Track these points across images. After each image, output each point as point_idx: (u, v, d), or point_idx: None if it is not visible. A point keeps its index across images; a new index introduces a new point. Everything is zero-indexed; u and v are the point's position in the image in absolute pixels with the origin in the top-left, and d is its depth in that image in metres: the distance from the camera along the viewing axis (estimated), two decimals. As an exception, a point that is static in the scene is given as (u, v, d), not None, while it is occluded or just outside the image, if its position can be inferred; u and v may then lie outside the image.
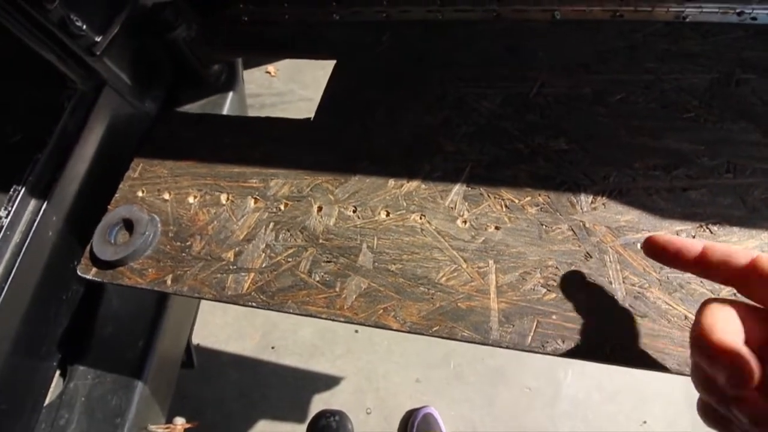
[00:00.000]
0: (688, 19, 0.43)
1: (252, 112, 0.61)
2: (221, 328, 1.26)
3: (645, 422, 1.06)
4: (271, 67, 1.74)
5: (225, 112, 0.58)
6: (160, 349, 0.53)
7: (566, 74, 0.42)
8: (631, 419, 1.06)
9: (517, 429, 1.07)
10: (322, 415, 0.59)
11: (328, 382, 1.17)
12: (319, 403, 1.15)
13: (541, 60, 0.44)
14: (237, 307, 0.37)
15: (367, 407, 1.13)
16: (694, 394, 0.24)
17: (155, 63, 0.55)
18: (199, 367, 0.76)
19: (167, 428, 0.57)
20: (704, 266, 0.25)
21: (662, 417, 1.06)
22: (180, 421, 0.60)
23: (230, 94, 0.59)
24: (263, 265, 0.38)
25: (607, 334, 0.30)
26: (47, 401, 0.49)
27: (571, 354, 0.30)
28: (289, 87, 1.70)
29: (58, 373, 0.51)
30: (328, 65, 0.50)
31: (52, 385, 0.50)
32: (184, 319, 0.63)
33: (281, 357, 1.22)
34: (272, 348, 1.24)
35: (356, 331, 1.21)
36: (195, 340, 1.19)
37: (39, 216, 0.43)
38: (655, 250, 0.27)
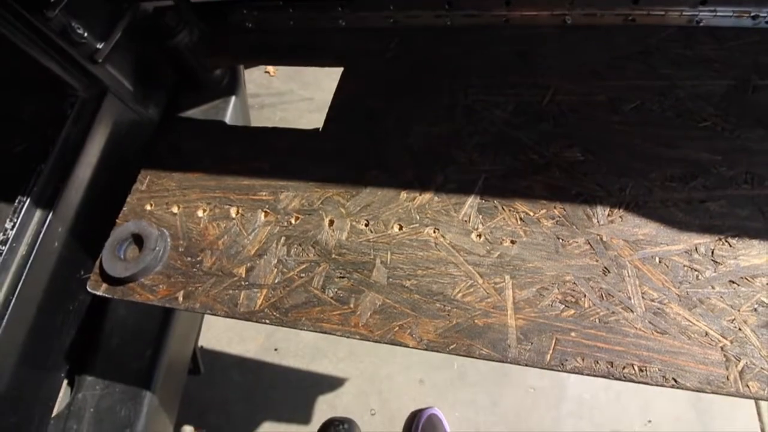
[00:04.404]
0: (702, 23, 0.42)
1: (251, 113, 0.60)
2: (224, 331, 1.26)
3: (650, 421, 1.06)
4: (270, 67, 1.72)
5: (228, 116, 0.57)
6: (168, 358, 0.52)
7: (579, 81, 0.42)
8: (635, 418, 1.07)
9: (522, 430, 1.07)
10: (331, 423, 0.59)
11: (332, 383, 1.17)
12: (323, 404, 1.15)
13: (552, 66, 0.43)
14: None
15: (371, 409, 1.13)
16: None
17: (157, 69, 0.54)
18: (204, 370, 0.76)
19: (175, 437, 0.57)
20: None
21: (667, 415, 1.06)
22: (188, 430, 0.59)
23: (233, 99, 0.58)
24: (276, 281, 0.37)
25: (627, 352, 0.30)
26: (55, 412, 0.49)
27: (591, 372, 0.30)
28: (288, 86, 1.68)
29: (65, 383, 0.51)
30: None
31: (60, 395, 0.50)
32: (191, 326, 0.63)
33: (284, 359, 1.22)
34: (275, 350, 1.23)
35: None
36: (198, 343, 1.19)
37: (44, 227, 0.43)
38: None
